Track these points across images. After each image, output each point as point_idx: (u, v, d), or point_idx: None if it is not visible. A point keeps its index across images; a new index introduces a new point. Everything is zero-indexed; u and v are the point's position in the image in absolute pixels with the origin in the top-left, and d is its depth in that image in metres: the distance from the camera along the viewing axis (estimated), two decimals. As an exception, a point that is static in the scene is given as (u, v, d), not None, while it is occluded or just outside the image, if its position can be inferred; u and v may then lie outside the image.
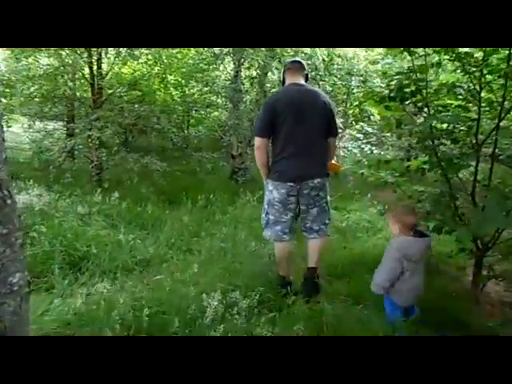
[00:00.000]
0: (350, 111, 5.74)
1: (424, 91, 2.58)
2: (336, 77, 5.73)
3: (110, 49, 5.09)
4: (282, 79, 2.70)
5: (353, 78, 5.55)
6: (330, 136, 2.58)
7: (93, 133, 4.54)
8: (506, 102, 2.51)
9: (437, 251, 3.51)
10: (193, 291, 2.42)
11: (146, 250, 3.17)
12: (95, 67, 5.29)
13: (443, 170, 2.53)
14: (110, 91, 6.18)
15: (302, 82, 2.54)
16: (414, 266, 2.12)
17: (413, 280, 2.14)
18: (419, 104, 2.64)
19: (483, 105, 2.70)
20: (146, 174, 4.89)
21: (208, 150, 6.32)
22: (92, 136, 4.57)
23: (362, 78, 5.66)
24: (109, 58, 5.42)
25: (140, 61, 6.64)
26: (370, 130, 4.68)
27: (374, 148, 5.00)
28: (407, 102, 2.59)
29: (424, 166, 2.64)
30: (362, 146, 4.87)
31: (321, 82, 6.11)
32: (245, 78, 5.93)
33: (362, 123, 4.55)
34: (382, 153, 4.96)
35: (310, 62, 5.71)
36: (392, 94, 2.47)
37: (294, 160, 2.42)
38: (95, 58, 5.18)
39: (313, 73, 6.17)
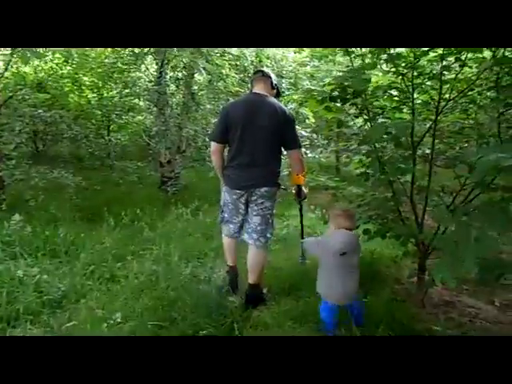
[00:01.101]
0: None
1: (364, 92, 2.46)
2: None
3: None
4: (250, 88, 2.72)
5: (283, 81, 5.43)
6: (287, 148, 2.54)
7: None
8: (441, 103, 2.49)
9: (381, 255, 3.47)
10: (118, 334, 1.99)
11: (58, 284, 2.61)
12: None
13: (386, 174, 2.42)
14: (8, 94, 5.31)
15: (263, 92, 2.52)
16: (332, 259, 2.10)
17: (330, 273, 2.13)
18: (359, 106, 2.51)
19: (416, 106, 2.69)
20: (56, 189, 4.21)
21: (133, 158, 5.74)
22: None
23: (292, 81, 5.57)
24: (4, 55, 4.59)
25: (46, 59, 5.84)
26: (303, 132, 4.58)
27: (307, 151, 4.92)
28: (348, 104, 2.44)
29: (368, 171, 2.51)
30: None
31: (249, 85, 5.90)
32: (170, 80, 5.48)
33: (296, 126, 4.43)
34: (316, 156, 4.92)
35: (238, 64, 5.46)
36: (334, 94, 2.29)
37: (241, 170, 2.48)
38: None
39: (241, 75, 5.96)
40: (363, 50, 2.61)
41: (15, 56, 4.38)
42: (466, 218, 2.15)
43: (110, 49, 6.34)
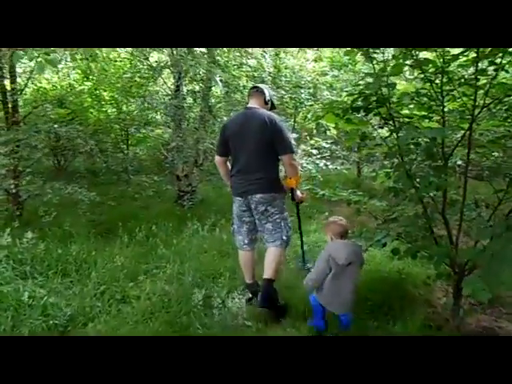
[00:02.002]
0: (299, 125, 5.45)
1: (389, 101, 2.27)
2: (284, 90, 5.43)
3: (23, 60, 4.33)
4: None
5: (301, 91, 5.28)
6: (280, 154, 2.63)
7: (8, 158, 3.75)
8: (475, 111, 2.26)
9: (409, 275, 3.21)
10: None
11: (65, 307, 2.49)
12: (7, 81, 4.48)
13: (417, 190, 2.20)
14: (32, 109, 5.38)
15: (256, 105, 2.70)
16: (338, 270, 2.19)
17: (337, 283, 2.20)
18: (383, 115, 2.32)
19: (446, 114, 2.47)
20: (71, 205, 4.15)
21: (150, 172, 5.69)
22: (8, 161, 3.77)
23: (310, 91, 5.41)
24: (23, 70, 4.64)
25: (62, 74, 5.91)
26: (324, 144, 4.39)
27: (328, 163, 4.73)
28: (371, 114, 2.25)
29: (396, 186, 2.29)
30: (317, 162, 4.56)
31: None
32: (187, 93, 5.42)
33: (316, 138, 4.25)
34: (338, 167, 4.70)
35: (255, 75, 5.36)
36: (356, 105, 2.10)
37: (238, 177, 2.68)
38: (6, 69, 4.39)
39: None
40: (385, 55, 2.43)
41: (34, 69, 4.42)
42: (507, 233, 1.95)
43: (128, 64, 6.39)
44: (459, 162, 2.87)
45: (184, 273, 3.11)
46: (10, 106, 4.37)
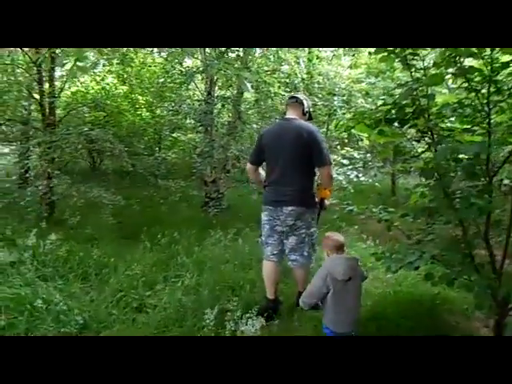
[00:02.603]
0: (334, 134, 5.24)
1: (427, 112, 2.06)
2: (317, 97, 5.26)
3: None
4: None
5: (335, 98, 5.09)
6: (316, 166, 2.63)
7: (40, 158, 3.87)
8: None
9: (445, 300, 2.95)
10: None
11: (82, 312, 2.46)
12: (46, 85, 4.63)
13: (457, 212, 1.97)
14: (67, 112, 5.56)
15: (293, 116, 2.69)
16: (339, 286, 2.07)
17: (339, 301, 2.08)
18: (421, 128, 2.11)
19: (493, 128, 2.23)
20: (98, 207, 4.19)
21: (180, 176, 5.68)
22: (38, 162, 3.89)
23: (344, 98, 5.20)
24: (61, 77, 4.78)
25: (100, 77, 6.07)
26: (356, 155, 4.18)
27: (360, 174, 4.50)
28: (406, 126, 2.05)
29: (431, 205, 2.07)
30: (348, 173, 4.35)
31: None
32: (218, 98, 5.39)
33: (347, 148, 4.05)
34: (370, 180, 4.46)
35: (288, 81, 5.23)
36: (390, 116, 1.92)
37: (273, 187, 2.69)
38: (46, 73, 4.53)
39: (292, 93, 5.71)
40: (426, 62, 2.23)
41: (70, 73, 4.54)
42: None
43: (162, 68, 6.46)
44: (506, 181, 2.59)
45: (202, 284, 3.01)
46: (46, 108, 4.51)
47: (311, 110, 2.92)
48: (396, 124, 2.01)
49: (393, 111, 1.92)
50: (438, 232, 2.43)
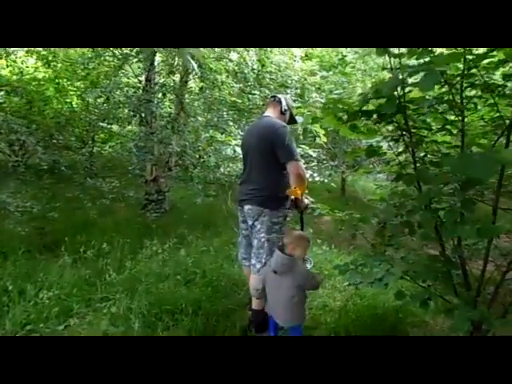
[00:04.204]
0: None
1: (407, 108, 1.71)
2: (268, 89, 4.85)
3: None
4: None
5: (288, 91, 4.71)
6: (282, 161, 2.41)
7: None
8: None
9: (408, 313, 2.69)
10: None
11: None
12: None
13: (440, 229, 1.65)
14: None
15: (270, 114, 2.60)
16: (271, 277, 2.18)
17: (271, 292, 2.23)
18: (401, 125, 1.76)
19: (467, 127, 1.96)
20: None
21: (114, 174, 4.97)
22: None
23: (298, 91, 4.85)
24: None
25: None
26: (311, 153, 3.84)
27: (314, 174, 4.17)
28: (384, 123, 1.69)
29: (416, 230, 1.73)
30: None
31: (250, 96, 5.18)
32: (157, 85, 4.76)
33: (302, 146, 3.70)
34: (325, 180, 4.14)
35: (237, 70, 4.75)
36: (367, 108, 1.53)
37: (240, 186, 2.64)
38: None
39: (241, 85, 5.24)
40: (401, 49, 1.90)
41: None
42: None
43: (93, 51, 5.65)
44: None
45: (134, 309, 2.47)
46: None
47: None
48: (372, 119, 1.64)
49: (372, 103, 1.53)
50: (407, 243, 2.14)
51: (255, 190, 2.45)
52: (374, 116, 1.68)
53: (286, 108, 2.61)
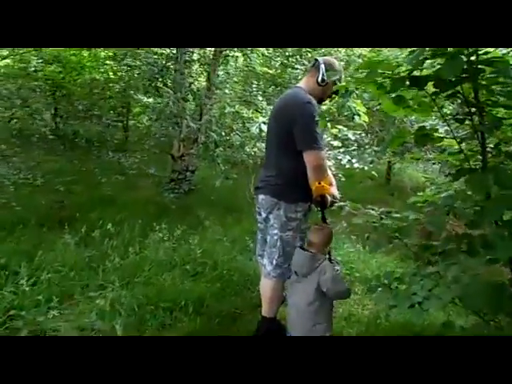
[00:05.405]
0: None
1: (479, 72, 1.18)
2: (309, 61, 4.30)
3: None
4: None
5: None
6: (299, 149, 1.96)
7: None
8: None
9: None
10: None
11: None
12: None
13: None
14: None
15: (302, 84, 2.15)
16: (294, 281, 1.89)
17: (291, 297, 1.92)
18: (468, 98, 1.23)
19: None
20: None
21: (137, 148, 4.76)
22: None
23: (343, 64, 4.23)
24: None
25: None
26: (350, 135, 3.30)
27: (353, 159, 3.64)
28: (445, 94, 1.17)
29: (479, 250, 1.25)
30: (339, 157, 3.48)
31: (290, 69, 4.65)
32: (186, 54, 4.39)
33: (340, 126, 3.19)
34: (365, 167, 3.60)
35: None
36: (419, 73, 1.04)
37: (261, 171, 2.35)
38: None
39: (278, 58, 4.71)
40: None
41: None
42: None
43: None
44: None
45: (126, 301, 2.20)
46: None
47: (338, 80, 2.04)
48: (426, 89, 1.14)
49: (425, 66, 1.03)
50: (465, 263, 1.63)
51: (271, 178, 2.08)
52: (430, 85, 1.18)
53: (325, 77, 2.07)
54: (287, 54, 4.34)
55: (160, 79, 4.87)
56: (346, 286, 1.88)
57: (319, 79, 2.06)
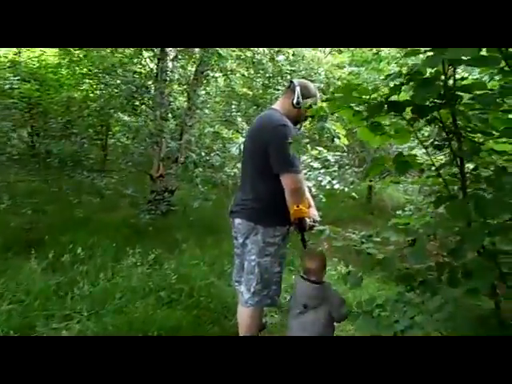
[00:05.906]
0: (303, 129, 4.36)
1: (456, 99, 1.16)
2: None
3: None
4: None
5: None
6: (276, 171, 1.92)
7: None
8: None
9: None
10: None
11: None
12: None
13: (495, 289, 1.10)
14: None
15: (277, 106, 2.12)
16: (295, 309, 1.84)
17: (297, 331, 1.83)
18: (446, 123, 1.21)
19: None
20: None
21: (113, 168, 4.63)
22: None
23: (322, 86, 4.27)
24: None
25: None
26: (330, 157, 3.29)
27: (334, 181, 3.63)
28: (424, 119, 1.15)
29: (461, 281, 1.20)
30: (320, 178, 3.46)
31: (269, 90, 4.68)
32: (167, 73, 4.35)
33: (320, 148, 3.18)
34: (346, 188, 3.58)
35: (255, 60, 4.26)
36: (396, 98, 1.01)
37: (236, 194, 2.25)
38: None
39: (259, 79, 4.74)
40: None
41: None
42: None
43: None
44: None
45: (92, 332, 2.05)
46: None
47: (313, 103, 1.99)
48: (404, 114, 1.10)
49: (403, 89, 1.00)
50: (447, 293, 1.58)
51: (247, 201, 2.02)
52: (408, 110, 1.15)
53: (300, 100, 2.04)
54: (267, 75, 4.35)
55: (139, 98, 4.81)
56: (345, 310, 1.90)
57: (294, 101, 2.04)
